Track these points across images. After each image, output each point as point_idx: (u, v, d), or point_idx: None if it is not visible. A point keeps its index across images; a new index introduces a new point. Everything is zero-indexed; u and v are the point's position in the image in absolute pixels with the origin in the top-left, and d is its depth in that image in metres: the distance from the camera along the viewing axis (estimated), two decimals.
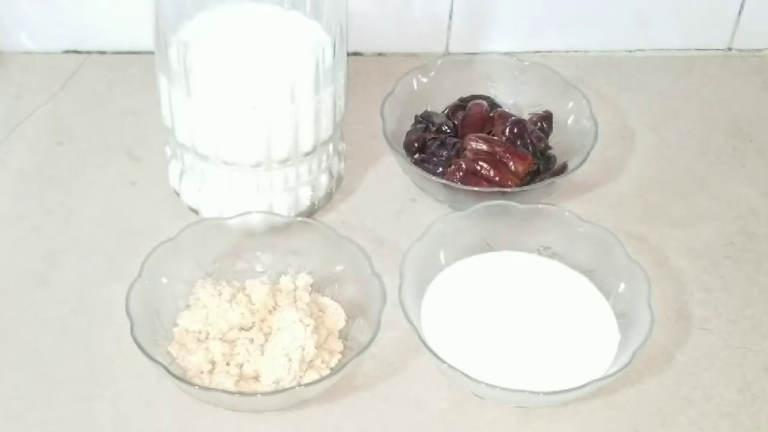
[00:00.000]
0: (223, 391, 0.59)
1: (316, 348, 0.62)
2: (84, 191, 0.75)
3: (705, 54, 0.91)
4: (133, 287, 0.62)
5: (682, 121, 0.85)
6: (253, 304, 0.65)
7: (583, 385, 0.59)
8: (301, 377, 0.61)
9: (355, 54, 0.87)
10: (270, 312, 0.65)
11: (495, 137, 0.76)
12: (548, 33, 0.89)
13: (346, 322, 0.65)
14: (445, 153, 0.75)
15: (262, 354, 0.62)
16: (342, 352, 0.64)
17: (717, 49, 0.92)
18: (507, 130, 0.76)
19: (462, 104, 0.80)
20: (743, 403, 0.64)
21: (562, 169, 0.75)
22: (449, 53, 0.88)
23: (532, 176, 0.75)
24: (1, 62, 0.85)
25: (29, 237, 0.72)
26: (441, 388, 0.63)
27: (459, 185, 0.72)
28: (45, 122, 0.80)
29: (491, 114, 0.78)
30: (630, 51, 0.91)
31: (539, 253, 0.69)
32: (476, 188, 0.71)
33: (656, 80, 0.89)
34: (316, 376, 0.61)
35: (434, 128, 0.77)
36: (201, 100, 0.66)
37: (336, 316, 0.65)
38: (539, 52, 0.89)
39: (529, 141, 0.76)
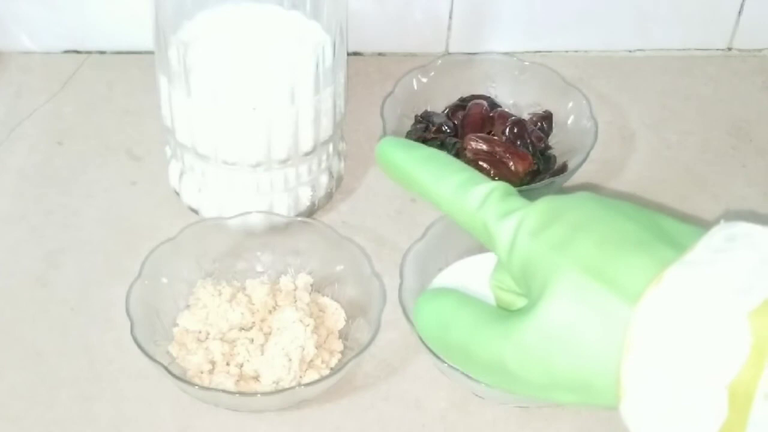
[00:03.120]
0: (223, 391, 0.60)
1: (316, 348, 0.62)
2: (84, 191, 0.75)
3: (705, 54, 0.91)
4: (133, 287, 0.62)
5: (682, 121, 0.85)
6: (253, 304, 0.65)
7: None
8: (301, 377, 0.61)
9: (355, 54, 0.87)
10: (270, 312, 0.65)
11: (495, 137, 0.76)
12: (548, 33, 0.89)
13: (346, 322, 0.65)
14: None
15: (262, 354, 0.62)
16: (342, 352, 0.64)
17: (717, 49, 0.92)
18: (507, 130, 0.76)
19: (462, 104, 0.80)
20: None
21: (562, 169, 0.75)
22: (449, 53, 0.88)
23: (532, 176, 0.75)
24: (1, 62, 0.85)
25: (29, 237, 0.72)
26: (441, 388, 0.63)
27: None
28: (45, 122, 0.80)
29: (491, 114, 0.78)
30: (630, 51, 0.91)
31: None
32: None
33: (656, 80, 0.89)
34: (316, 376, 0.61)
35: (434, 128, 0.77)
36: (201, 100, 0.66)
37: (336, 316, 0.65)
38: (539, 52, 0.89)
39: (529, 141, 0.76)
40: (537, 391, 0.37)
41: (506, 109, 0.79)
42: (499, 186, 0.40)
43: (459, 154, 0.75)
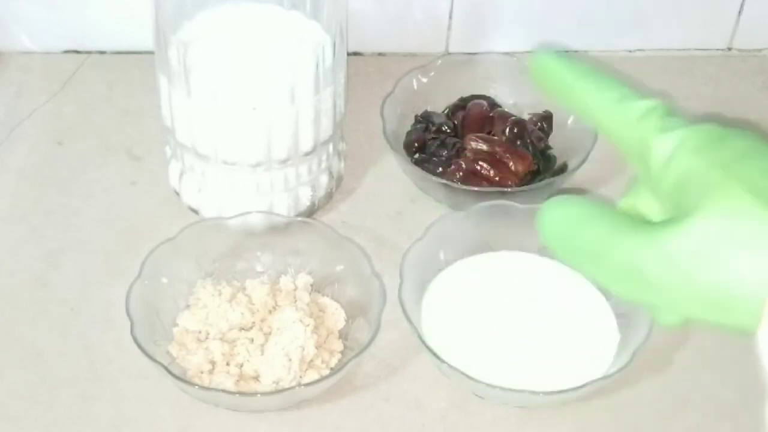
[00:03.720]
0: (223, 391, 0.60)
1: (316, 348, 0.62)
2: (84, 191, 0.75)
3: (705, 54, 0.91)
4: (133, 287, 0.62)
5: None
6: (253, 304, 0.65)
7: (583, 385, 0.59)
8: (301, 377, 0.61)
9: (355, 54, 0.87)
10: (270, 312, 0.65)
11: (495, 137, 0.76)
12: (548, 33, 0.89)
13: (346, 322, 0.65)
14: (445, 153, 0.75)
15: (262, 354, 0.62)
16: (342, 352, 0.64)
17: (717, 49, 0.92)
18: (507, 130, 0.76)
19: (462, 104, 0.80)
20: (743, 403, 0.64)
21: (562, 169, 0.75)
22: (449, 53, 0.88)
23: (532, 176, 0.75)
24: (1, 62, 0.85)
25: (29, 237, 0.72)
26: (441, 388, 0.63)
27: (459, 185, 0.72)
28: (45, 122, 0.80)
29: (491, 114, 0.78)
30: (630, 51, 0.91)
31: (539, 253, 0.69)
32: (476, 188, 0.71)
33: (656, 80, 0.88)
34: (316, 376, 0.61)
35: (434, 128, 0.77)
36: (201, 100, 0.66)
37: (336, 316, 0.65)
38: None
39: (529, 141, 0.76)
40: (670, 301, 0.36)
41: (506, 109, 0.79)
42: (663, 103, 0.40)
43: (459, 154, 0.75)
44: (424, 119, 0.78)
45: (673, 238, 0.35)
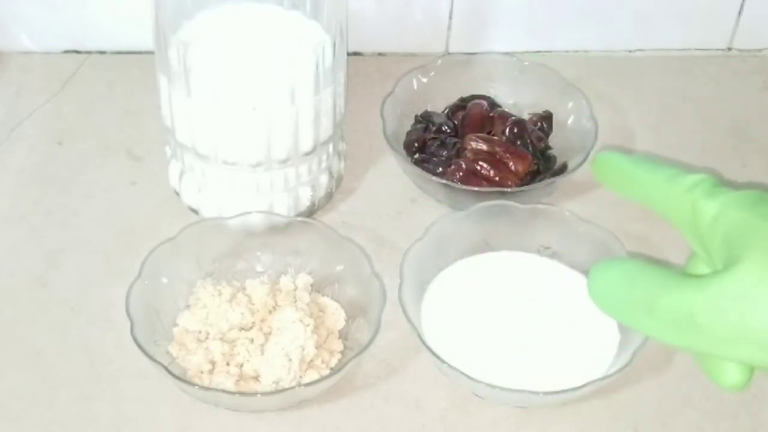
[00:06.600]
0: (223, 391, 0.60)
1: (316, 348, 0.62)
2: (84, 191, 0.75)
3: (705, 54, 0.91)
4: (133, 287, 0.62)
5: (682, 121, 0.85)
6: (253, 304, 0.65)
7: (583, 385, 0.59)
8: (301, 377, 0.61)
9: (355, 54, 0.87)
10: (270, 312, 0.65)
11: (495, 137, 0.76)
12: (548, 33, 0.89)
13: (346, 322, 0.65)
14: (445, 153, 0.75)
15: (262, 354, 0.62)
16: (342, 352, 0.64)
17: (717, 49, 0.92)
18: (507, 130, 0.76)
19: (462, 104, 0.80)
20: (743, 403, 0.64)
21: (562, 169, 0.75)
22: (449, 53, 0.88)
23: (532, 176, 0.75)
24: (1, 62, 0.85)
25: (29, 237, 0.72)
26: (441, 388, 0.63)
27: (459, 185, 0.72)
28: (45, 122, 0.80)
29: (491, 114, 0.78)
30: (630, 51, 0.91)
31: (539, 253, 0.69)
32: (476, 188, 0.71)
33: (656, 80, 0.89)
34: (316, 376, 0.61)
35: (434, 128, 0.77)
36: (201, 100, 0.66)
37: (336, 316, 0.65)
38: (539, 52, 0.89)
39: (529, 141, 0.76)
40: (721, 345, 0.37)
41: (506, 109, 0.79)
42: (711, 176, 0.42)
43: (459, 154, 0.75)
44: (424, 119, 0.78)
45: (723, 283, 0.37)
